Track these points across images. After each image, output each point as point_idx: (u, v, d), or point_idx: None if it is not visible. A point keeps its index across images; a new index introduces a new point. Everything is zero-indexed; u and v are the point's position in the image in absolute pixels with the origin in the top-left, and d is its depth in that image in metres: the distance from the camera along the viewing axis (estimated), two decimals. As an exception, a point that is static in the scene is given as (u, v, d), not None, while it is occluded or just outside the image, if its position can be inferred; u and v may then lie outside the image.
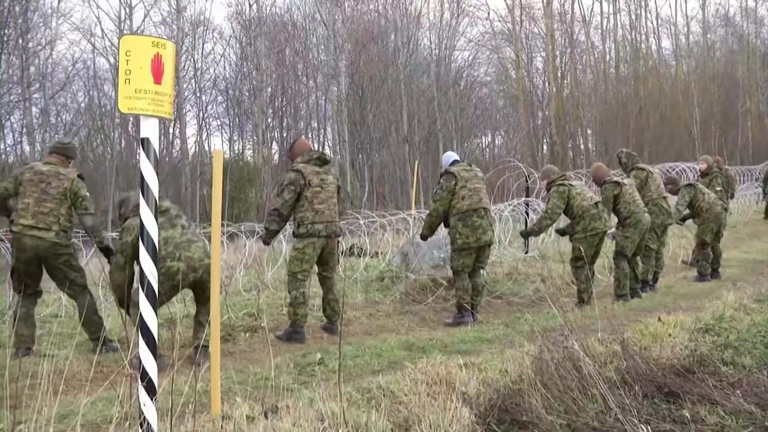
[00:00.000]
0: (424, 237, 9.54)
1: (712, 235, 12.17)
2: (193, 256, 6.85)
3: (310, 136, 42.84)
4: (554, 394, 4.42)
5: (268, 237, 8.25)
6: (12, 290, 7.40)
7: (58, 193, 7.05)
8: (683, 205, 12.22)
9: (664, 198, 11.29)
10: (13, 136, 34.54)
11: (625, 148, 14.84)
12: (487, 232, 9.01)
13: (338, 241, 8.67)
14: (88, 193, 7.35)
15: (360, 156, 40.62)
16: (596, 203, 9.91)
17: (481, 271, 9.29)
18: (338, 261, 8.82)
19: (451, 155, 9.55)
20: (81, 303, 7.19)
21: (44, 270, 7.20)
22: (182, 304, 8.84)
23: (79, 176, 7.36)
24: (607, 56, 48.45)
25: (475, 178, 9.11)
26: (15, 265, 7.11)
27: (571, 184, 9.95)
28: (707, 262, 12.20)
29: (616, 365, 5.09)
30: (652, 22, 48.93)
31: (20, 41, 32.77)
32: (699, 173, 14.40)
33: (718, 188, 13.99)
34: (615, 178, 10.50)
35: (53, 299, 9.22)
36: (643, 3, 47.65)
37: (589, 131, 47.60)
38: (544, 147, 45.84)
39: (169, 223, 6.87)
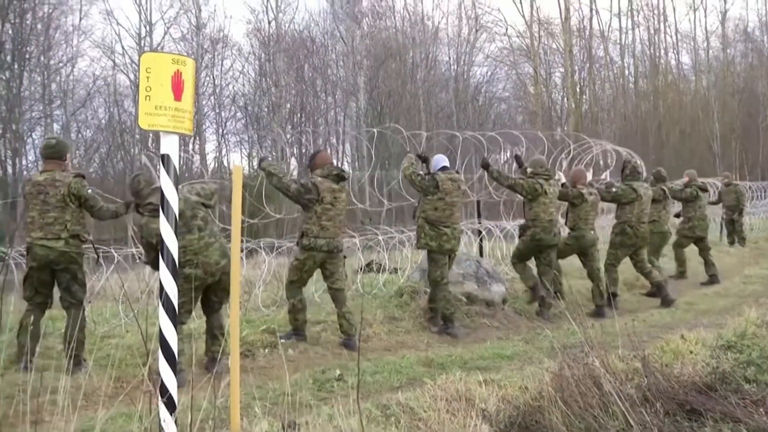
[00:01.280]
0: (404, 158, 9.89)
1: (657, 253, 12.83)
2: (210, 260, 6.98)
3: (329, 151, 42.89)
4: (575, 411, 4.39)
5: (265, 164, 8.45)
6: (22, 298, 7.42)
7: (58, 201, 7.00)
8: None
9: (644, 223, 11.42)
10: (35, 153, 34.76)
11: (646, 163, 14.82)
12: (451, 241, 9.27)
13: (343, 256, 8.75)
14: (89, 190, 7.27)
15: (379, 171, 40.56)
16: (551, 219, 10.39)
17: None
18: (345, 275, 8.89)
19: (440, 160, 9.68)
20: (72, 316, 7.14)
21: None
22: (202, 319, 8.86)
23: (78, 176, 7.26)
24: (626, 71, 48.36)
25: (456, 191, 9.35)
26: (28, 273, 7.15)
27: (545, 191, 10.33)
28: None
29: (637, 382, 5.04)
30: (671, 37, 48.85)
31: (42, 58, 33.11)
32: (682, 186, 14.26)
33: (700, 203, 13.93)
34: (583, 190, 10.89)
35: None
36: (661, 18, 47.62)
37: (608, 146, 47.41)
38: (563, 163, 45.68)
39: (185, 227, 6.90)
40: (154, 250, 6.81)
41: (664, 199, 12.68)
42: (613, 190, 11.54)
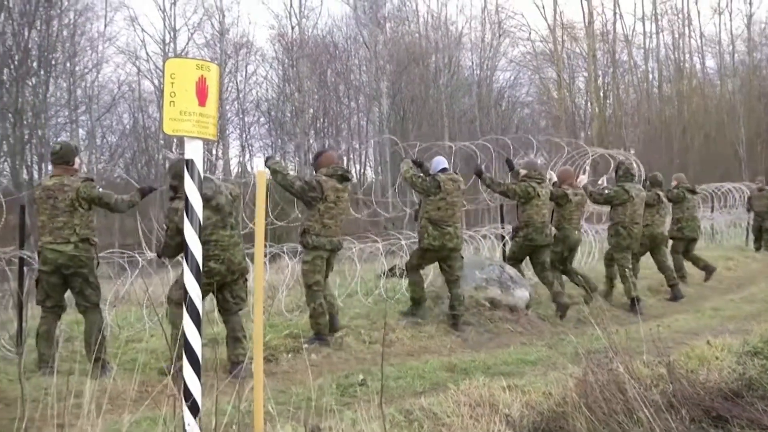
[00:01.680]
0: (401, 160, 10.31)
1: (645, 249, 12.73)
2: (234, 259, 7.17)
3: (351, 157, 42.97)
4: (599, 417, 4.36)
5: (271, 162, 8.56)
6: (36, 303, 7.48)
7: (66, 206, 7.08)
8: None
9: (637, 224, 11.58)
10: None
11: (670, 168, 14.92)
12: (453, 240, 9.44)
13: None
14: (100, 189, 7.38)
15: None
16: (543, 221, 10.57)
17: (459, 281, 9.68)
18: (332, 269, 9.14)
19: (440, 162, 9.84)
20: (89, 320, 7.24)
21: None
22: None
23: (87, 180, 7.35)
24: (650, 76, 48.07)
25: (456, 191, 9.51)
26: (38, 277, 7.23)
27: (538, 193, 10.50)
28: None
29: (662, 388, 5.00)
30: (696, 41, 48.46)
31: (68, 65, 33.41)
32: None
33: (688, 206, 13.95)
34: (568, 191, 11.16)
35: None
36: (686, 22, 47.26)
37: (632, 151, 47.13)
38: (587, 167, 45.39)
39: (222, 222, 7.08)
40: (178, 233, 6.86)
41: (657, 203, 12.72)
42: (606, 191, 11.74)
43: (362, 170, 42.83)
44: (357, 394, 6.10)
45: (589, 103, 47.05)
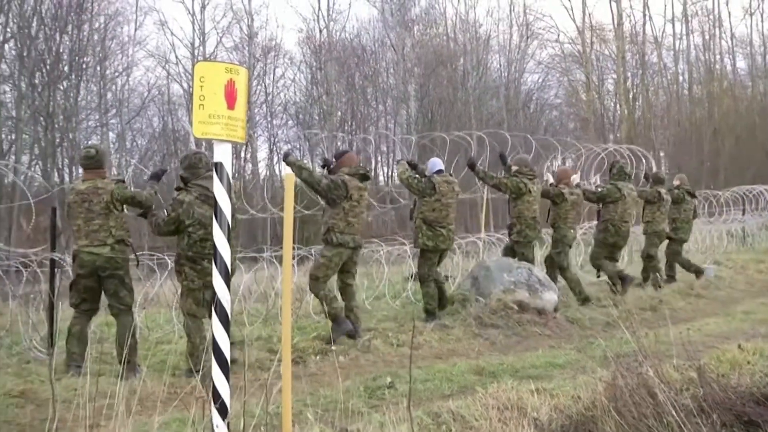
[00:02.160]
0: (396, 162, 10.73)
1: (656, 248, 13.10)
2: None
3: (379, 159, 42.96)
4: (628, 421, 4.32)
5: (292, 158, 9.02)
6: (69, 305, 7.55)
7: (102, 208, 7.16)
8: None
9: (626, 222, 11.89)
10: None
11: (701, 170, 14.99)
12: (446, 241, 9.87)
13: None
14: (132, 189, 7.54)
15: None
16: (534, 216, 10.88)
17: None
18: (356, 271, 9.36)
19: (436, 163, 10.14)
20: (122, 322, 7.30)
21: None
22: (254, 325, 8.93)
23: (119, 182, 7.45)
24: (680, 77, 47.56)
25: (451, 192, 9.81)
26: (74, 281, 7.29)
27: (529, 189, 10.79)
28: (659, 274, 13.14)
29: (692, 392, 4.95)
30: (726, 42, 47.89)
31: (99, 68, 33.70)
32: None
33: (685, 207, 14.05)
34: (564, 190, 11.46)
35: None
36: (717, 23, 46.77)
37: (661, 153, 46.71)
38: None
39: None
40: (175, 223, 7.19)
41: (659, 200, 12.98)
42: (599, 189, 12.08)
43: (389, 172, 42.75)
44: (385, 397, 6.11)
45: (618, 106, 46.68)
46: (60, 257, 8.43)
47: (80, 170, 7.95)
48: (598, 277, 13.02)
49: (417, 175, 9.85)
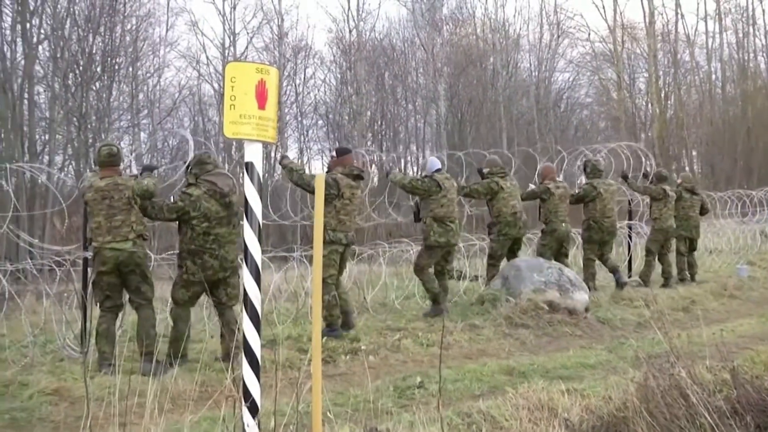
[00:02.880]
0: (386, 174, 10.89)
1: (658, 245, 13.20)
2: (228, 256, 7.53)
3: (409, 159, 42.91)
4: (660, 422, 4.29)
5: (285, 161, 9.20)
6: (95, 303, 7.63)
7: (124, 204, 7.26)
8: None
9: (608, 218, 12.16)
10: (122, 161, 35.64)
11: (734, 170, 15.00)
12: (456, 236, 10.27)
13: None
14: (144, 182, 7.56)
15: (459, 179, 40.40)
16: (515, 212, 11.04)
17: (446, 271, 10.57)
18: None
19: (435, 162, 10.56)
20: (143, 316, 7.42)
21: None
22: (283, 325, 8.95)
23: (135, 177, 7.67)
24: (713, 76, 47.04)
25: (452, 188, 10.26)
26: (96, 278, 7.37)
27: (501, 186, 11.06)
28: (650, 270, 13.25)
29: (725, 394, 4.90)
30: (760, 40, 47.31)
31: (130, 69, 33.95)
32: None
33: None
34: (549, 185, 11.83)
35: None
36: (750, 21, 46.21)
37: (694, 153, 46.28)
38: (647, 169, 44.62)
39: (227, 219, 7.55)
40: (178, 212, 7.44)
41: (664, 197, 13.22)
42: (576, 191, 12.42)
43: (420, 172, 42.69)
44: (414, 397, 6.11)
45: (649, 105, 46.23)
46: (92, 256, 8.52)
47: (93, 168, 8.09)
48: (629, 277, 12.97)
49: (419, 177, 10.35)
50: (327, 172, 9.02)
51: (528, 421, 4.42)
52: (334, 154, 9.40)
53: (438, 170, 10.28)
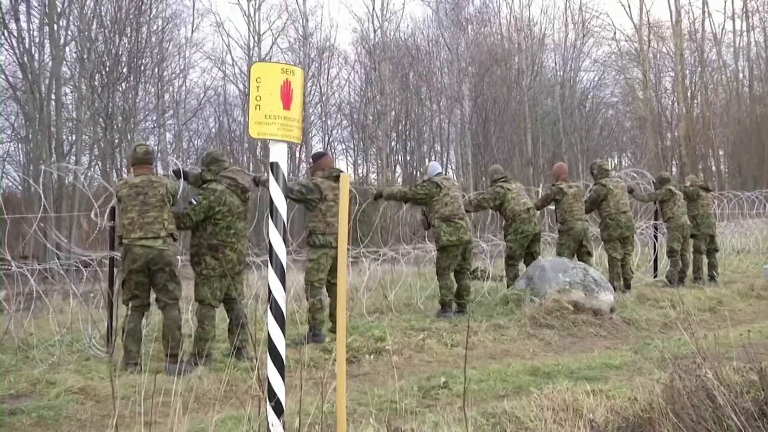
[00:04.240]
0: (379, 195, 10.66)
1: (679, 243, 13.18)
2: (244, 250, 7.76)
3: (433, 159, 42.85)
4: (687, 424, 4.25)
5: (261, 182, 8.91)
6: (122, 302, 7.69)
7: (158, 201, 7.33)
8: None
9: (624, 213, 12.22)
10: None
11: (762, 169, 14.90)
12: (467, 232, 10.23)
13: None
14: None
15: (483, 179, 40.40)
16: (528, 209, 11.16)
17: (468, 272, 10.54)
18: None
19: (436, 167, 10.75)
20: (169, 316, 7.42)
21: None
22: (305, 325, 8.97)
23: (167, 176, 7.93)
24: (740, 75, 46.63)
25: (453, 187, 10.39)
26: (126, 276, 7.40)
27: (508, 188, 11.25)
28: (675, 270, 13.21)
29: (753, 396, 4.85)
30: (788, 38, 46.89)
31: (156, 70, 34.20)
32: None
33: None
34: (562, 185, 11.87)
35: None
36: (778, 19, 45.76)
37: (720, 152, 45.92)
38: (674, 169, 44.38)
39: (242, 215, 7.73)
40: (206, 212, 7.49)
41: (672, 197, 13.34)
42: (588, 194, 12.38)
43: (444, 172, 42.72)
44: (439, 397, 6.10)
45: (676, 104, 45.92)
46: (119, 256, 8.58)
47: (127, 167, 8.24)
48: (655, 277, 12.89)
49: (417, 183, 10.48)
50: (309, 179, 9.07)
51: (553, 422, 4.40)
52: (311, 160, 9.44)
53: (438, 174, 10.41)
